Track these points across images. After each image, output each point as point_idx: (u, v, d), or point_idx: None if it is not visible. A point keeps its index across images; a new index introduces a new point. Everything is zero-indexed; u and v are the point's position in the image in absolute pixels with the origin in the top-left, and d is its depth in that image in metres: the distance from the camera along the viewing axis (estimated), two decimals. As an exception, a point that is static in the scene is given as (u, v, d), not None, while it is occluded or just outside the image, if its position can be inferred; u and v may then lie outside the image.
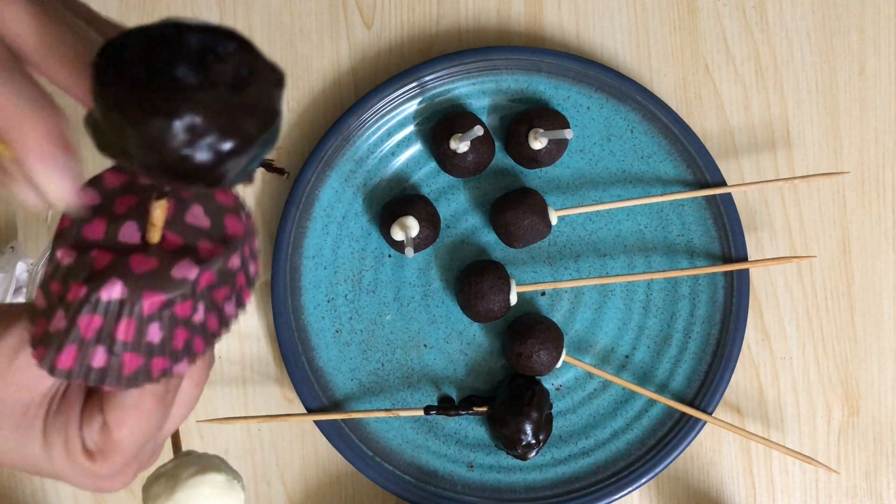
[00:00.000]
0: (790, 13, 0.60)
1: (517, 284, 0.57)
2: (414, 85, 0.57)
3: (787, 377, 0.59)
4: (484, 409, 0.56)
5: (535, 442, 0.55)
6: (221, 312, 0.29)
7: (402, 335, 0.58)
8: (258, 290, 0.59)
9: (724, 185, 0.57)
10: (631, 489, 0.56)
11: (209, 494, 0.38)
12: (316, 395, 0.57)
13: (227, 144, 0.23)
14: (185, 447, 0.41)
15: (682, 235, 0.58)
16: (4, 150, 0.25)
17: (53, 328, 0.26)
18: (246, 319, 0.59)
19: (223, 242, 0.27)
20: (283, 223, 0.56)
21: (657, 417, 0.57)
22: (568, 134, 0.53)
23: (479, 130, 0.53)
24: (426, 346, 0.58)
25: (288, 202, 0.56)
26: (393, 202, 0.56)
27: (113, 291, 0.26)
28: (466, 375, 0.58)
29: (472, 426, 0.58)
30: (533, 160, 0.56)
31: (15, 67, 0.25)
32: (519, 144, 0.56)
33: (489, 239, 0.58)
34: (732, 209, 0.57)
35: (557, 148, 0.56)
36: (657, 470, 0.56)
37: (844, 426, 0.59)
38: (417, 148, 0.58)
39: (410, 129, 0.58)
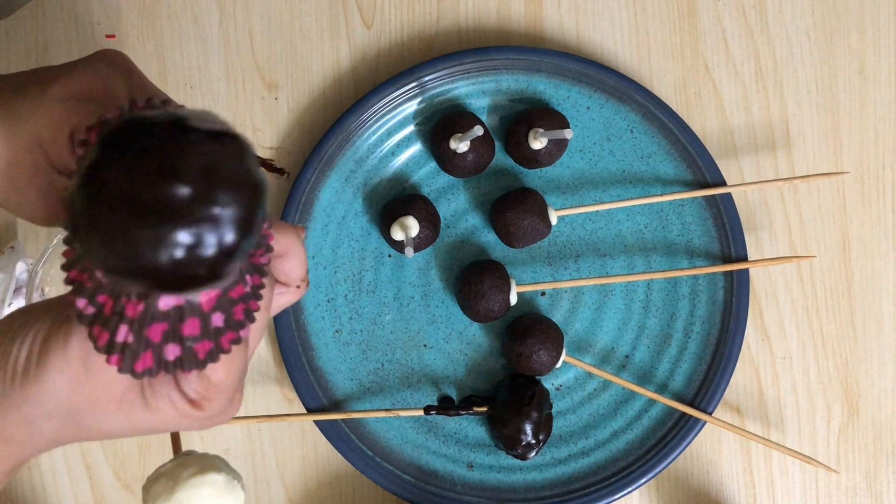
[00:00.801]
0: (790, 13, 0.60)
1: (517, 284, 0.57)
2: (414, 85, 0.57)
3: (787, 377, 0.59)
4: (484, 409, 0.56)
5: (535, 442, 0.55)
6: (260, 267, 0.29)
7: (402, 335, 0.58)
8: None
9: (723, 185, 0.57)
10: (631, 489, 0.56)
11: (209, 494, 0.38)
12: (316, 395, 0.57)
13: (231, 240, 0.22)
14: (185, 447, 0.41)
15: (682, 235, 0.58)
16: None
17: (121, 339, 0.26)
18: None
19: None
20: (283, 223, 0.56)
21: (657, 417, 0.57)
22: (568, 134, 0.53)
23: (479, 130, 0.53)
24: (426, 346, 0.58)
25: (288, 202, 0.56)
26: (393, 202, 0.56)
27: (169, 300, 0.26)
28: (466, 375, 0.58)
29: (472, 426, 0.58)
30: (533, 160, 0.56)
31: None
32: (519, 144, 0.56)
33: (489, 239, 0.58)
34: (732, 209, 0.57)
35: (557, 148, 0.56)
36: (657, 470, 0.56)
37: (844, 426, 0.59)
38: (417, 148, 0.58)
39: (410, 129, 0.58)
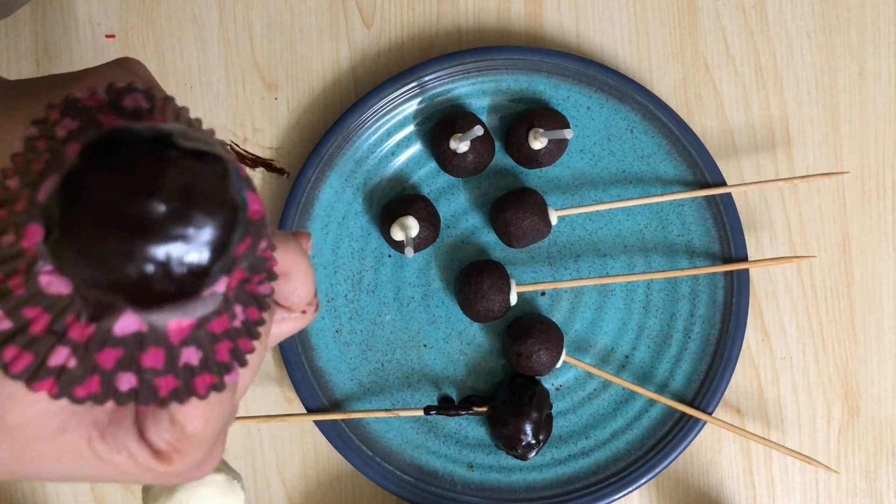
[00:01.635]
0: (790, 13, 0.60)
1: (517, 284, 0.57)
2: (414, 85, 0.57)
3: (787, 377, 0.59)
4: (484, 409, 0.56)
5: (535, 442, 0.55)
6: (258, 298, 0.26)
7: (402, 335, 0.58)
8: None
9: (724, 185, 0.57)
10: (631, 489, 0.56)
11: (209, 494, 0.38)
12: (316, 395, 0.57)
13: (203, 260, 0.22)
14: (185, 447, 0.41)
15: (682, 235, 0.58)
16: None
17: (57, 363, 0.23)
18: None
19: (250, 231, 0.24)
20: (283, 223, 0.56)
21: (657, 417, 0.57)
22: (568, 134, 0.53)
23: (479, 130, 0.53)
24: (426, 346, 0.58)
25: (288, 202, 0.56)
26: (393, 202, 0.56)
27: (127, 326, 0.23)
28: (466, 375, 0.58)
29: (472, 426, 0.58)
30: (533, 160, 0.56)
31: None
32: (519, 144, 0.56)
33: (489, 239, 0.58)
34: (732, 209, 0.57)
35: (557, 148, 0.56)
36: (657, 470, 0.56)
37: (844, 426, 0.59)
38: (417, 148, 0.58)
39: (410, 129, 0.58)
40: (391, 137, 0.58)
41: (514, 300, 0.56)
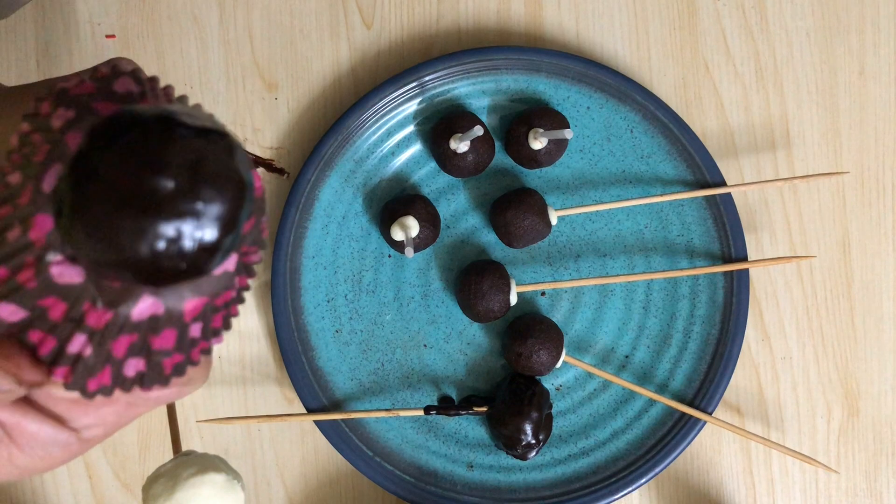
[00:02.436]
0: (790, 13, 0.60)
1: (517, 284, 0.57)
2: (414, 85, 0.57)
3: (787, 377, 0.59)
4: (484, 409, 0.57)
5: (535, 442, 0.55)
6: (249, 267, 0.27)
7: (402, 335, 0.58)
8: (258, 289, 0.59)
9: (724, 185, 0.57)
10: (631, 489, 0.56)
11: (209, 494, 0.38)
12: (316, 395, 0.57)
13: (212, 235, 0.22)
14: (185, 447, 0.41)
15: (682, 235, 0.58)
16: None
17: (75, 350, 0.24)
18: (246, 319, 0.59)
19: (255, 210, 0.24)
20: (283, 223, 0.56)
21: (657, 417, 0.57)
22: (568, 134, 0.53)
23: (479, 130, 0.53)
24: (426, 346, 0.58)
25: (288, 202, 0.56)
26: (393, 202, 0.56)
27: (144, 310, 0.23)
28: (466, 375, 0.58)
29: (472, 426, 0.58)
30: (533, 160, 0.56)
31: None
32: (519, 144, 0.56)
33: (489, 239, 0.58)
34: (732, 209, 0.57)
35: (557, 148, 0.56)
36: (657, 470, 0.56)
37: (844, 426, 0.59)
38: (417, 148, 0.58)
39: (410, 129, 0.58)
40: (391, 137, 0.58)
41: (514, 300, 0.56)
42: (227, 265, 0.24)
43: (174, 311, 0.24)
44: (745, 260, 0.57)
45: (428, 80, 0.57)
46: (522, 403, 0.55)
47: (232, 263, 0.25)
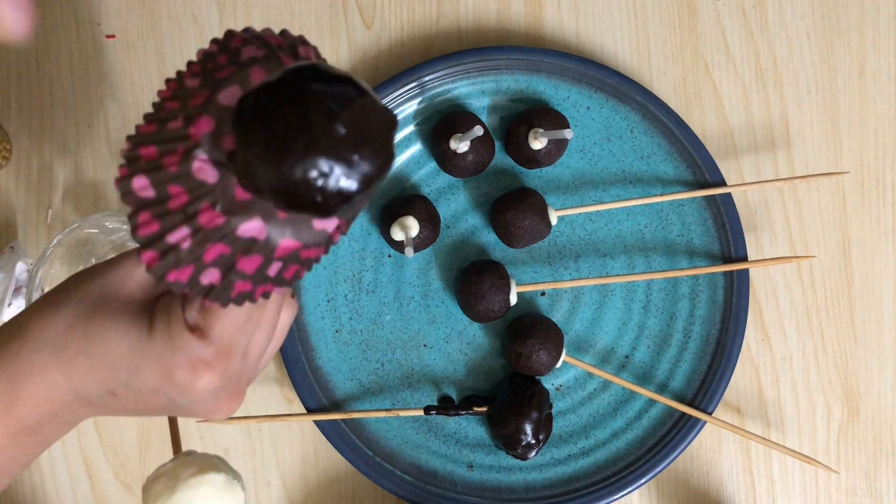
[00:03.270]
0: (790, 13, 0.60)
1: (517, 284, 0.57)
2: (414, 85, 0.57)
3: (787, 377, 0.59)
4: (484, 409, 0.57)
5: (535, 442, 0.55)
6: (330, 238, 0.29)
7: (402, 335, 0.58)
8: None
9: (724, 185, 0.57)
10: (631, 489, 0.56)
11: (209, 494, 0.38)
12: (316, 395, 0.57)
13: (352, 186, 0.24)
14: (185, 447, 0.41)
15: (682, 235, 0.58)
16: None
17: (174, 240, 0.26)
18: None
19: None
20: (283, 223, 0.56)
21: (657, 417, 0.57)
22: (568, 134, 0.53)
23: (479, 130, 0.53)
24: (426, 346, 0.58)
25: (288, 202, 0.56)
26: (393, 202, 0.56)
27: (251, 229, 0.26)
28: (466, 375, 0.58)
29: (472, 426, 0.58)
30: (533, 160, 0.56)
31: None
32: (519, 144, 0.56)
33: (489, 239, 0.58)
34: (732, 209, 0.57)
35: (557, 148, 0.56)
36: (657, 470, 0.56)
37: (844, 426, 0.59)
38: (417, 148, 0.58)
39: (410, 129, 0.58)
40: (391, 137, 0.58)
41: (514, 300, 0.56)
42: (328, 224, 0.27)
43: (271, 242, 0.26)
44: (745, 260, 0.57)
45: (428, 80, 0.57)
46: (522, 403, 0.55)
47: (331, 226, 0.27)
